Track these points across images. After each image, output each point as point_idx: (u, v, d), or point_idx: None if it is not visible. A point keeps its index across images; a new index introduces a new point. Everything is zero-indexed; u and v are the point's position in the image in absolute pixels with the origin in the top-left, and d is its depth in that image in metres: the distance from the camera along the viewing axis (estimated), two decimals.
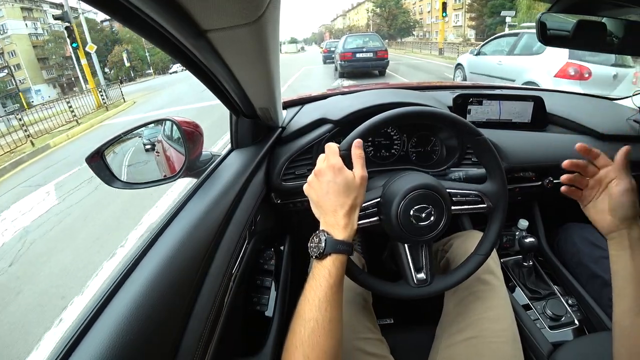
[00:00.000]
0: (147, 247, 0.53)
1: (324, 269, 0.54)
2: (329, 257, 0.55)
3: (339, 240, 0.56)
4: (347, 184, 0.58)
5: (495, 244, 0.72)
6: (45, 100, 31.01)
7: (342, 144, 0.64)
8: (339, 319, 0.53)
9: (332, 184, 0.58)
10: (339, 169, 0.58)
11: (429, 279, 0.70)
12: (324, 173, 0.59)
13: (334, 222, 0.57)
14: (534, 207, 1.27)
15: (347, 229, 0.57)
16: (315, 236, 0.58)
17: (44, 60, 40.21)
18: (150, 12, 0.35)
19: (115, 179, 0.82)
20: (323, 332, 0.50)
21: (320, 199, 0.59)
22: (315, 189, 0.60)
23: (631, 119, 1.15)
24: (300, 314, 0.52)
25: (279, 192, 1.00)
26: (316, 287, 0.53)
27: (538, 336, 0.87)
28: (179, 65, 44.36)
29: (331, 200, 0.58)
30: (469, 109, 1.12)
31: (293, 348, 0.49)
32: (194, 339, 0.50)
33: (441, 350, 0.76)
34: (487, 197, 0.72)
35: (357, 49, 10.33)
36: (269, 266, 0.98)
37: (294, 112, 1.14)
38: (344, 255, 0.56)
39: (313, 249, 0.57)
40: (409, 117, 0.69)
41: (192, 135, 0.84)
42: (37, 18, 39.88)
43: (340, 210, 0.57)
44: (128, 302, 0.42)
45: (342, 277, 0.56)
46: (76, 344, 0.38)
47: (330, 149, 0.61)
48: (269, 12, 0.41)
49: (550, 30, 0.87)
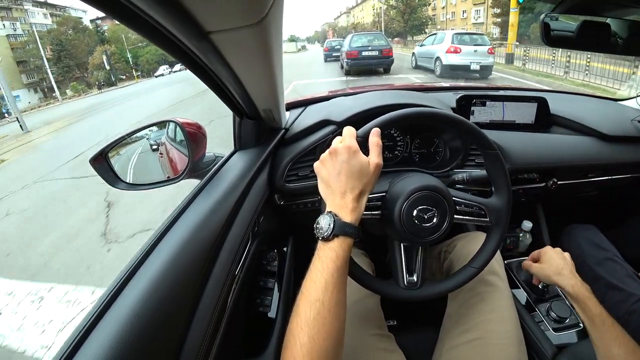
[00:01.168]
0: (151, 248, 0.53)
1: (330, 250, 0.53)
2: (336, 239, 0.54)
3: (347, 223, 0.54)
4: (360, 168, 0.57)
5: (490, 259, 0.72)
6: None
7: (359, 130, 0.63)
8: (344, 302, 0.52)
9: (346, 165, 0.57)
10: (354, 151, 0.57)
11: (419, 283, 0.70)
12: (340, 153, 0.58)
13: (342, 204, 0.56)
14: (537, 209, 1.26)
15: (355, 212, 0.56)
16: (322, 217, 0.56)
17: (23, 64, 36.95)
18: (153, 14, 0.36)
19: (119, 180, 0.82)
20: (329, 314, 0.49)
21: (330, 178, 0.58)
22: (327, 168, 0.59)
23: (635, 120, 1.14)
24: (305, 295, 0.51)
25: (282, 193, 1.00)
26: (322, 269, 0.52)
27: (542, 338, 0.86)
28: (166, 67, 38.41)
29: (342, 182, 0.57)
30: (472, 110, 1.11)
31: (298, 329, 0.48)
32: (197, 339, 0.50)
33: (445, 351, 0.75)
34: (490, 212, 0.72)
35: (363, 48, 10.61)
36: (272, 267, 0.98)
37: (297, 113, 1.14)
38: (351, 239, 0.55)
39: (320, 230, 0.55)
40: (431, 118, 0.69)
41: (195, 137, 0.84)
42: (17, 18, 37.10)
43: (350, 193, 0.56)
44: (132, 302, 0.43)
45: (346, 261, 0.55)
46: (80, 343, 0.38)
47: (349, 132, 0.60)
48: (272, 13, 0.41)
49: (554, 31, 0.87)
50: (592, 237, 1.07)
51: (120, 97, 18.07)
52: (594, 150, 1.08)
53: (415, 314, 1.10)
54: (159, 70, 41.60)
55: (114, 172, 0.82)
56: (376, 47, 10.62)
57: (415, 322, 1.01)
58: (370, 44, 10.76)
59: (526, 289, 1.02)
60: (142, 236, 3.17)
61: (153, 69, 44.18)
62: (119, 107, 14.30)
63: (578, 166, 1.09)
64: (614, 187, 1.23)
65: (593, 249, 1.03)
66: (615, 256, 1.00)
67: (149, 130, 0.94)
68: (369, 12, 62.94)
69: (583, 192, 1.22)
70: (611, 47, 0.89)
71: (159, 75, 39.35)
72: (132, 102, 15.40)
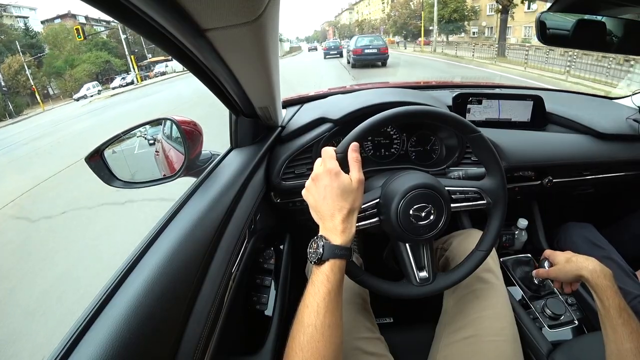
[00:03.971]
0: (147, 246, 0.53)
1: (322, 274, 0.54)
2: (327, 263, 0.54)
3: (337, 245, 0.55)
4: (344, 188, 0.58)
5: (496, 239, 0.72)
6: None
7: (339, 146, 0.64)
8: (338, 324, 0.53)
9: (329, 189, 0.58)
10: (335, 173, 0.58)
11: (431, 277, 0.70)
12: (321, 178, 0.59)
13: (332, 227, 0.57)
14: (533, 207, 1.27)
15: (345, 233, 0.57)
16: (313, 242, 0.57)
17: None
18: (150, 12, 0.35)
19: (115, 178, 0.82)
20: (322, 338, 0.49)
21: (317, 203, 0.59)
22: (313, 194, 0.60)
23: (630, 118, 1.15)
24: (300, 319, 0.52)
25: (278, 191, 1.00)
26: (315, 293, 0.52)
27: (537, 335, 0.87)
28: (93, 84, 26.62)
29: (329, 205, 0.58)
30: (468, 108, 1.12)
31: (293, 354, 0.49)
32: (194, 337, 0.50)
33: (441, 348, 0.76)
34: (486, 194, 0.72)
35: (365, 46, 13.88)
36: (269, 265, 0.98)
37: (293, 111, 1.14)
38: (342, 260, 0.56)
39: (312, 255, 0.56)
40: (405, 116, 0.69)
41: (191, 135, 0.84)
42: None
43: (338, 214, 0.57)
44: (128, 301, 0.42)
45: (340, 282, 0.55)
46: (76, 342, 0.38)
47: (327, 153, 0.61)
48: (269, 11, 0.41)
49: (550, 29, 0.87)
50: (589, 235, 1.08)
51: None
52: (589, 148, 1.09)
53: (410, 311, 1.10)
54: (81, 90, 28.07)
55: (109, 170, 0.81)
56: (375, 46, 13.85)
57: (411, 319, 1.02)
58: (371, 43, 14.09)
59: (521, 286, 1.03)
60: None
61: (77, 89, 29.81)
62: None
63: (573, 164, 1.09)
64: (609, 185, 1.23)
65: (589, 247, 1.04)
66: (611, 254, 1.01)
67: (144, 128, 0.93)
68: (376, 7, 58.15)
69: (578, 190, 1.23)
70: (606, 46, 0.89)
71: (80, 97, 26.93)
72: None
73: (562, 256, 0.79)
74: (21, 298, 2.65)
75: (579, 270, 0.73)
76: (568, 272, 0.75)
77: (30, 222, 4.12)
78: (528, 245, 1.24)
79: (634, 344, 0.60)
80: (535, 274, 0.88)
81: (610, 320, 0.65)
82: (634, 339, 0.61)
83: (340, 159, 0.61)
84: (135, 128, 0.89)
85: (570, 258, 0.76)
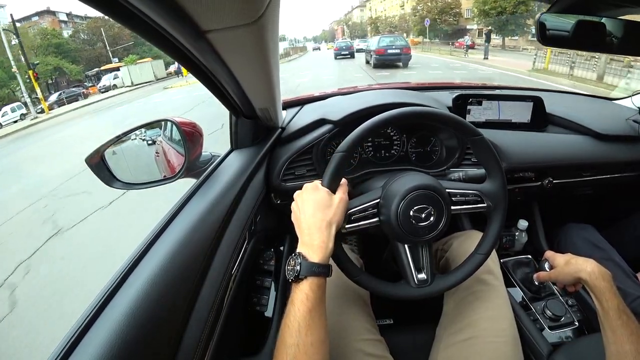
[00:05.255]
0: (147, 247, 0.53)
1: (301, 292, 0.54)
2: (305, 281, 0.54)
3: (314, 263, 0.55)
4: (323, 200, 0.60)
5: (496, 243, 0.72)
6: None
7: (340, 145, 0.65)
8: (322, 341, 0.52)
9: (308, 202, 0.60)
10: (313, 187, 0.62)
11: (429, 279, 0.70)
12: (301, 193, 0.63)
13: (309, 241, 0.57)
14: (533, 208, 1.27)
15: (322, 248, 0.57)
16: (291, 258, 0.57)
17: None
18: (150, 13, 0.35)
19: (115, 179, 0.82)
20: (305, 356, 0.49)
21: (298, 218, 0.61)
22: (295, 211, 0.63)
23: (630, 119, 1.15)
24: (282, 340, 0.51)
25: (278, 192, 1.00)
26: (294, 312, 0.52)
27: (537, 336, 0.87)
28: (12, 107, 18.15)
29: (307, 218, 0.59)
30: (468, 109, 1.12)
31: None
32: (194, 338, 0.50)
33: (441, 350, 0.76)
34: (486, 197, 0.72)
35: (388, 46, 13.95)
36: (269, 266, 0.98)
37: (293, 112, 1.14)
38: (321, 278, 0.55)
39: (289, 272, 0.56)
40: (408, 117, 0.69)
41: (191, 136, 0.84)
42: None
43: (315, 227, 0.58)
44: (128, 302, 0.42)
45: (321, 300, 0.55)
46: (76, 343, 0.38)
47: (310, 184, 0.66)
48: (269, 12, 0.41)
49: (549, 30, 0.87)
50: (589, 236, 1.08)
51: None
52: (589, 149, 1.09)
53: (411, 312, 1.10)
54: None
55: (109, 171, 0.81)
56: (398, 46, 13.83)
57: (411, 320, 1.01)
58: (393, 43, 14.13)
59: (522, 287, 1.02)
60: None
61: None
62: None
63: (573, 165, 1.09)
64: (609, 186, 1.23)
65: (589, 248, 1.04)
66: (612, 255, 1.01)
67: (145, 129, 0.93)
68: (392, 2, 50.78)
69: (578, 191, 1.23)
70: (606, 47, 0.89)
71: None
72: None
73: (561, 258, 0.79)
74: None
75: (577, 272, 0.73)
76: (567, 275, 0.76)
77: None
78: (528, 247, 1.24)
79: (634, 346, 0.60)
80: (537, 277, 0.88)
81: (610, 322, 0.64)
82: (634, 341, 0.60)
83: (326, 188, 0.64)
84: (136, 129, 0.89)
85: (569, 260, 0.76)
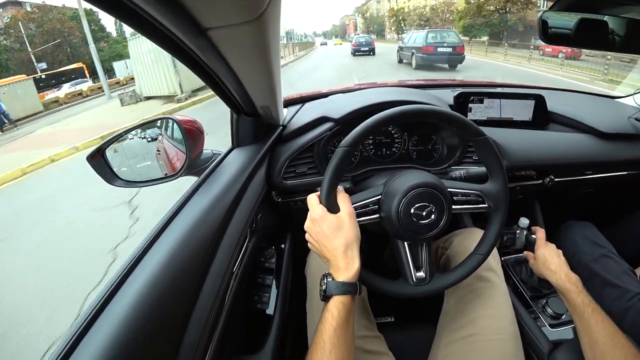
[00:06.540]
0: (149, 245, 0.53)
1: (328, 311, 0.57)
2: (332, 300, 0.57)
3: (341, 282, 0.58)
4: (333, 227, 0.61)
5: (495, 244, 0.72)
6: None
7: (343, 140, 0.65)
8: (346, 359, 0.55)
9: (321, 234, 0.61)
10: (320, 217, 0.62)
11: (428, 278, 0.70)
12: (310, 228, 0.64)
13: (335, 266, 0.60)
14: (534, 206, 1.26)
15: (348, 269, 0.59)
16: (321, 279, 0.61)
17: None
18: (151, 11, 0.35)
19: (116, 177, 0.82)
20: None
21: (318, 250, 0.63)
22: (313, 244, 0.65)
23: (633, 118, 1.15)
24: (309, 357, 0.55)
25: (279, 190, 1.00)
26: (323, 331, 0.55)
27: (538, 334, 0.87)
28: None
29: (327, 248, 0.61)
30: (469, 107, 1.11)
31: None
32: (196, 336, 0.50)
33: (442, 347, 0.76)
34: (488, 198, 0.72)
35: (438, 44, 11.37)
36: (270, 264, 0.98)
37: (294, 110, 1.14)
38: (347, 297, 0.58)
39: (320, 292, 0.60)
40: (411, 115, 0.69)
41: (193, 134, 0.84)
42: None
43: (337, 253, 0.60)
44: (130, 300, 0.43)
45: (346, 319, 0.57)
46: (77, 342, 0.38)
47: (310, 202, 0.65)
48: (270, 9, 0.41)
49: (552, 28, 0.87)
50: (589, 234, 1.08)
51: None
52: (591, 147, 1.09)
53: (412, 310, 1.10)
54: None
55: (110, 169, 0.82)
56: (450, 44, 11.29)
57: (412, 318, 1.02)
58: (444, 40, 11.58)
59: (523, 285, 1.02)
60: None
61: None
62: None
63: (575, 163, 1.09)
64: (611, 185, 1.23)
65: (589, 245, 1.04)
66: (612, 253, 1.01)
67: (146, 127, 0.93)
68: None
69: (580, 190, 1.23)
70: (609, 45, 0.89)
71: None
72: None
73: (540, 251, 0.91)
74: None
75: (546, 276, 0.85)
76: (537, 271, 0.90)
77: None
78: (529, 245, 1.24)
79: (604, 332, 0.66)
80: (526, 254, 0.99)
81: (578, 317, 0.71)
82: (603, 328, 0.67)
83: (325, 204, 0.64)
84: (137, 127, 0.89)
85: (545, 259, 0.87)
